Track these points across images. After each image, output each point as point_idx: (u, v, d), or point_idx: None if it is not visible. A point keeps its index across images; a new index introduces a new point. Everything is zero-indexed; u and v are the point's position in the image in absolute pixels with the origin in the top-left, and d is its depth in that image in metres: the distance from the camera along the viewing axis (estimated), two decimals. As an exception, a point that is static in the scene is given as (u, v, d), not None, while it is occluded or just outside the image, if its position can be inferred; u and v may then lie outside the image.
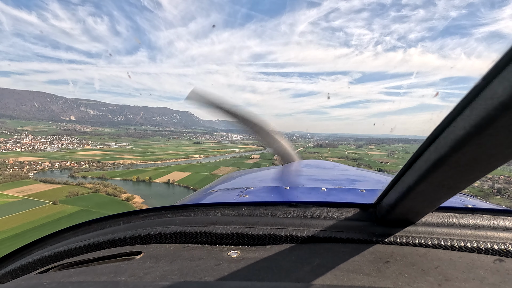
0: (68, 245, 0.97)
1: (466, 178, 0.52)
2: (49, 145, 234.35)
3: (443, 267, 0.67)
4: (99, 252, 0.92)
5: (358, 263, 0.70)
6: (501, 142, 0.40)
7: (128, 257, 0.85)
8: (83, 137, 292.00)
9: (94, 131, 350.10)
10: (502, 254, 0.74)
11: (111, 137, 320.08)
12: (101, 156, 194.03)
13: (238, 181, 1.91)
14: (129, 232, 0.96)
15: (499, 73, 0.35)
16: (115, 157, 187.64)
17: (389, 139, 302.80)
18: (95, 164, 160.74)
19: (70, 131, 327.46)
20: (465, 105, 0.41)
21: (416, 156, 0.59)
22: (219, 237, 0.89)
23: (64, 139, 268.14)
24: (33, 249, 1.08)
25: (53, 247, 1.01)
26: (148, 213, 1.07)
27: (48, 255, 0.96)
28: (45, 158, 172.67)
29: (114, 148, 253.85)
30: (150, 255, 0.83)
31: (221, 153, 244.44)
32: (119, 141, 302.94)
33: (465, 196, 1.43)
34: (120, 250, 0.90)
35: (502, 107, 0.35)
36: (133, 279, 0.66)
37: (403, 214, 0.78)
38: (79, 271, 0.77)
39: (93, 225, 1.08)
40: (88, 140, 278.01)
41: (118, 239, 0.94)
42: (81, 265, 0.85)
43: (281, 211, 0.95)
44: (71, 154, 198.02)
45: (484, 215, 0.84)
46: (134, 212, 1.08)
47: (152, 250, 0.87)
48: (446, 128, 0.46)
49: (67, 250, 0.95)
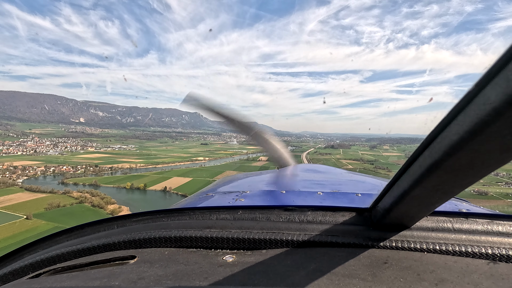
0: (60, 249, 0.95)
1: (460, 182, 0.53)
2: (53, 147, 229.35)
3: (438, 272, 0.67)
4: (92, 256, 0.90)
5: (353, 268, 0.70)
6: (495, 147, 0.41)
7: (122, 261, 0.83)
8: (89, 139, 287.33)
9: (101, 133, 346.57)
10: (496, 259, 0.74)
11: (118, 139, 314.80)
12: (101, 159, 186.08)
13: (234, 184, 1.90)
14: (123, 236, 0.95)
15: (492, 79, 0.36)
16: (115, 161, 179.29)
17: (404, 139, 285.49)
18: (92, 168, 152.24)
19: (77, 133, 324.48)
20: (459, 111, 0.42)
21: (411, 161, 0.59)
22: (214, 241, 0.88)
23: (70, 141, 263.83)
24: (24, 253, 1.06)
25: (45, 251, 0.99)
26: (142, 216, 1.06)
27: (40, 260, 0.94)
28: (43, 162, 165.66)
29: (118, 150, 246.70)
30: (144, 259, 0.82)
31: (228, 155, 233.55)
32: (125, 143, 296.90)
33: (459, 201, 1.44)
34: (114, 254, 0.88)
35: (495, 112, 0.35)
36: (127, 284, 0.65)
37: (398, 218, 0.78)
38: (72, 276, 0.75)
39: (87, 228, 1.06)
40: (94, 142, 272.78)
41: (112, 243, 0.93)
42: (74, 270, 0.83)
43: (277, 215, 0.95)
44: (71, 158, 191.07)
45: (478, 220, 0.85)
46: (129, 215, 1.07)
47: (146, 254, 0.86)
48: (440, 133, 0.47)
49: (60, 255, 0.93)
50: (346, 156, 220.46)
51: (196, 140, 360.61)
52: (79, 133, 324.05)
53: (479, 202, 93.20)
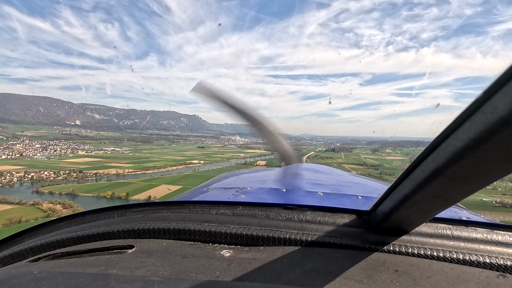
0: (60, 235, 0.96)
1: (462, 190, 0.53)
2: (42, 151, 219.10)
3: (435, 278, 0.67)
4: (91, 244, 0.91)
5: (350, 270, 0.70)
6: (499, 157, 0.40)
7: (121, 250, 0.84)
8: (82, 142, 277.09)
9: (96, 136, 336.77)
10: (494, 269, 0.74)
11: (112, 142, 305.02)
12: (89, 164, 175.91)
13: (234, 180, 1.91)
14: (122, 225, 0.95)
15: (500, 87, 0.35)
16: (103, 166, 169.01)
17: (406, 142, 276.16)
18: (75, 174, 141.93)
19: (71, 135, 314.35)
20: (465, 118, 0.41)
21: (413, 166, 0.59)
22: (212, 236, 0.89)
23: (61, 144, 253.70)
24: (25, 237, 1.07)
25: (45, 237, 1.00)
26: (143, 207, 1.07)
27: (40, 244, 0.95)
28: (24, 167, 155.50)
29: (111, 153, 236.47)
30: (142, 249, 0.82)
31: (224, 158, 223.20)
32: (120, 145, 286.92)
33: (460, 209, 1.44)
34: (112, 243, 0.89)
35: (502, 121, 0.35)
36: (124, 273, 0.66)
37: (397, 222, 0.78)
38: (70, 262, 0.76)
39: (87, 216, 1.07)
40: (87, 145, 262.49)
41: (111, 232, 0.94)
42: (73, 256, 0.84)
43: (276, 213, 0.95)
44: (57, 162, 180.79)
45: (478, 228, 0.85)
46: (129, 205, 1.08)
47: (145, 244, 0.86)
48: (445, 140, 0.46)
49: (59, 240, 0.95)
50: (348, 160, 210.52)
51: (193, 143, 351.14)
52: (73, 136, 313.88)
53: (503, 215, 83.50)
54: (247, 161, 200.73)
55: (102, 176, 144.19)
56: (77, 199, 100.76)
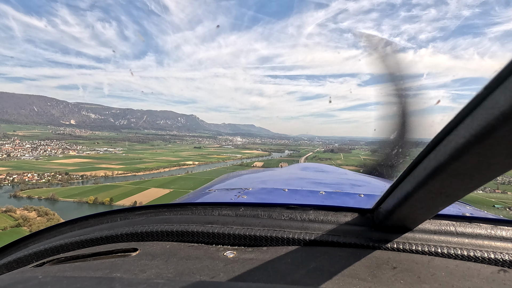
0: (64, 240, 0.97)
1: (465, 186, 0.53)
2: (31, 151, 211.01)
3: (439, 275, 0.67)
4: (95, 247, 0.92)
5: (354, 268, 0.70)
6: (501, 152, 0.40)
7: (124, 253, 0.84)
8: (75, 142, 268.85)
9: (90, 136, 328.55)
10: (499, 264, 0.74)
11: (107, 142, 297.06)
12: (78, 165, 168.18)
13: (236, 181, 1.91)
14: (126, 228, 0.96)
15: (501, 83, 0.35)
16: (93, 167, 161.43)
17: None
18: (60, 176, 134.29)
19: (64, 135, 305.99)
20: (466, 114, 0.41)
21: (415, 163, 0.59)
22: (215, 237, 0.89)
23: (53, 144, 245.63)
24: (29, 242, 1.08)
25: (49, 241, 1.00)
26: (145, 210, 1.07)
27: (44, 249, 0.95)
28: (9, 168, 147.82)
29: (103, 154, 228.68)
30: (146, 252, 0.83)
31: (221, 159, 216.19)
32: (114, 145, 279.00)
33: (463, 205, 1.43)
34: (116, 246, 0.89)
35: (503, 117, 0.35)
36: (128, 276, 0.66)
37: (400, 220, 0.78)
38: (75, 266, 0.77)
39: (90, 220, 1.08)
40: (80, 145, 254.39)
41: (115, 235, 0.94)
42: (77, 260, 0.84)
43: (279, 213, 0.95)
44: (45, 163, 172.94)
45: (482, 224, 0.84)
46: (132, 208, 1.09)
47: (148, 247, 0.87)
48: (446, 136, 0.46)
49: (63, 245, 0.95)
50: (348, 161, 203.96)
51: (190, 144, 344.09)
52: (66, 136, 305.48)
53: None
54: (244, 162, 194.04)
55: (89, 178, 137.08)
56: (57, 204, 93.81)
